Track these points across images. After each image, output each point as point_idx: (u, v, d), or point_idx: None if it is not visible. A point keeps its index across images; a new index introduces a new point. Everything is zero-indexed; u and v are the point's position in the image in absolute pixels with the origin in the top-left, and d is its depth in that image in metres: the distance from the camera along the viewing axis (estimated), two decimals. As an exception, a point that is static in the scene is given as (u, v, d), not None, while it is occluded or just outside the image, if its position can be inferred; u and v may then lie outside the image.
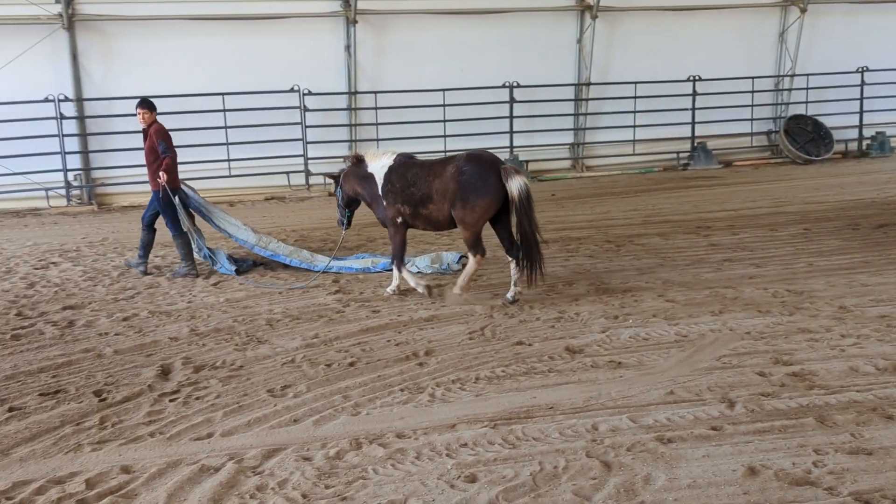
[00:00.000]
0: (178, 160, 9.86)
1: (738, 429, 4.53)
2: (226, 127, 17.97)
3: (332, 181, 8.96)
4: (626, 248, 9.99)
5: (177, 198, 9.53)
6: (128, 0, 17.56)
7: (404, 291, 8.07)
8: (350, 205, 8.76)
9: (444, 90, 19.12)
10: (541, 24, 20.26)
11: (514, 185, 7.22)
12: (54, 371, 5.97)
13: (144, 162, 10.01)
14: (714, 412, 4.76)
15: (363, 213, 9.09)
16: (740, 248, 9.69)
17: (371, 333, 6.71)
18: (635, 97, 20.39)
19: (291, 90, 18.42)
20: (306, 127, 18.71)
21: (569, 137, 21.01)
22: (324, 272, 9.09)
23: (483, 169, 7.37)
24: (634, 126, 20.49)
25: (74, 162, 17.96)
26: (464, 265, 8.48)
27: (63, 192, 17.57)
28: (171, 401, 5.26)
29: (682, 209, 13.13)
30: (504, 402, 5.00)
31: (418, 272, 8.92)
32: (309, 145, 18.79)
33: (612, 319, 6.81)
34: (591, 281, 8.22)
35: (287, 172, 18.67)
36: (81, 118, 17.94)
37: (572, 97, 20.73)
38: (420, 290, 7.89)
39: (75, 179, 17.96)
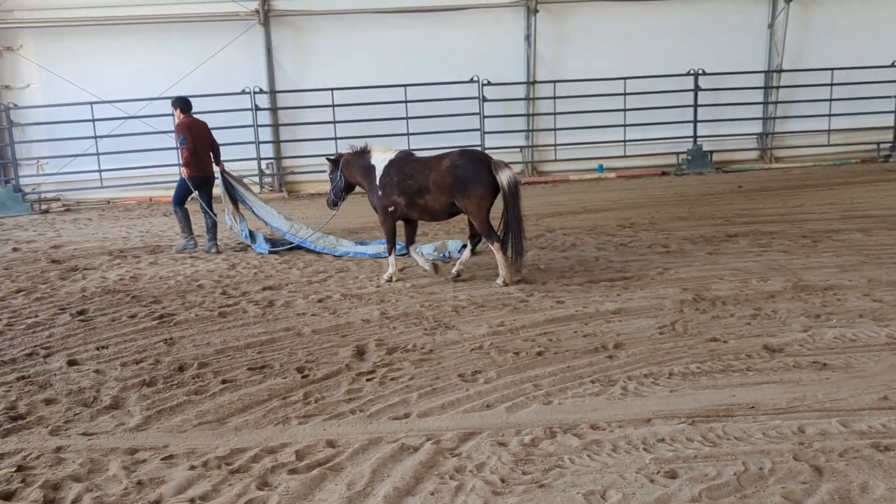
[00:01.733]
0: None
1: (964, 441, 4.18)
2: (406, 118, 18.42)
3: (331, 164, 9.55)
4: (823, 243, 9.44)
5: (220, 184, 11.26)
6: (319, -5, 18.28)
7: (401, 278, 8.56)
8: (346, 189, 9.48)
9: (624, 78, 18.82)
10: (729, 8, 19.51)
11: (504, 176, 7.96)
12: (259, 347, 6.33)
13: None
14: (935, 422, 4.41)
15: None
16: (955, 247, 8.96)
17: (557, 324, 6.68)
18: (832, 84, 19.24)
19: (471, 81, 18.65)
20: (484, 117, 18.89)
21: (757, 127, 20.15)
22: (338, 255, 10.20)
23: (475, 162, 8.12)
24: (830, 115, 19.38)
25: (267, 151, 18.99)
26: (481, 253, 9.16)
27: (256, 179, 18.61)
28: (367, 380, 5.45)
29: (886, 203, 12.27)
30: (701, 399, 4.85)
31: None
32: (486, 135, 18.97)
33: (813, 318, 6.45)
34: (786, 277, 7.82)
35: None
36: (274, 109, 18.92)
37: (761, 85, 19.80)
38: (427, 267, 8.71)
39: (267, 168, 18.98)
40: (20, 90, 18.81)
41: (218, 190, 11.33)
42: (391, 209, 8.65)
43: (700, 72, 19.06)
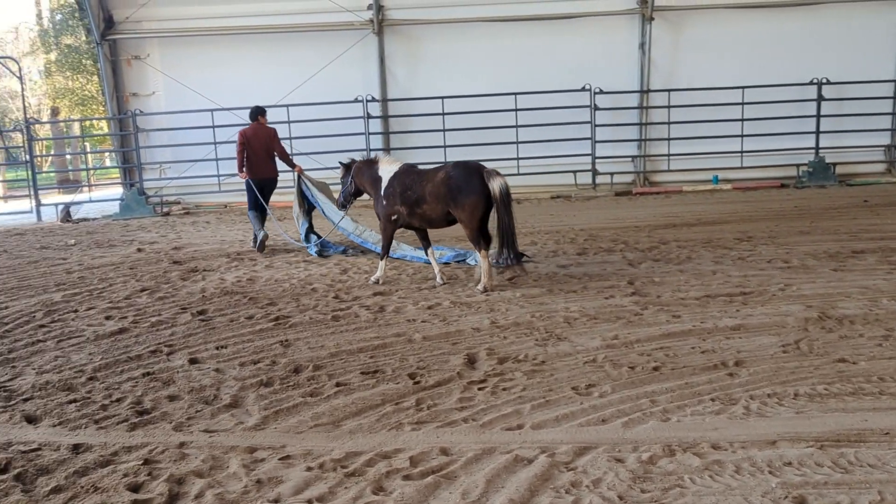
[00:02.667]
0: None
1: None
2: (516, 126, 18.37)
3: (343, 169, 10.17)
4: (961, 262, 8.90)
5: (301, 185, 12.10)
6: (432, 5, 18.49)
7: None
8: (354, 194, 10.07)
9: (742, 87, 18.25)
10: (854, 15, 18.71)
11: (495, 184, 8.36)
12: (371, 352, 6.39)
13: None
14: None
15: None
16: None
17: (673, 338, 6.49)
18: (968, 94, 18.16)
19: (582, 89, 18.45)
20: (595, 126, 18.66)
21: (884, 139, 19.20)
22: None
23: (467, 173, 8.56)
24: (963, 127, 18.30)
25: (377, 158, 19.20)
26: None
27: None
28: (479, 389, 5.41)
29: None
30: (830, 423, 4.60)
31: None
32: (597, 144, 18.73)
33: (953, 342, 6.06)
34: (920, 297, 7.39)
35: (574, 171, 18.75)
36: (385, 117, 19.18)
37: (890, 95, 18.87)
38: (436, 273, 9.17)
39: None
40: (146, 97, 19.71)
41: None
42: (394, 217, 9.18)
43: (824, 81, 18.32)
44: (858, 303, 7.30)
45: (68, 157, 34.13)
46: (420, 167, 9.37)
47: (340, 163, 10.28)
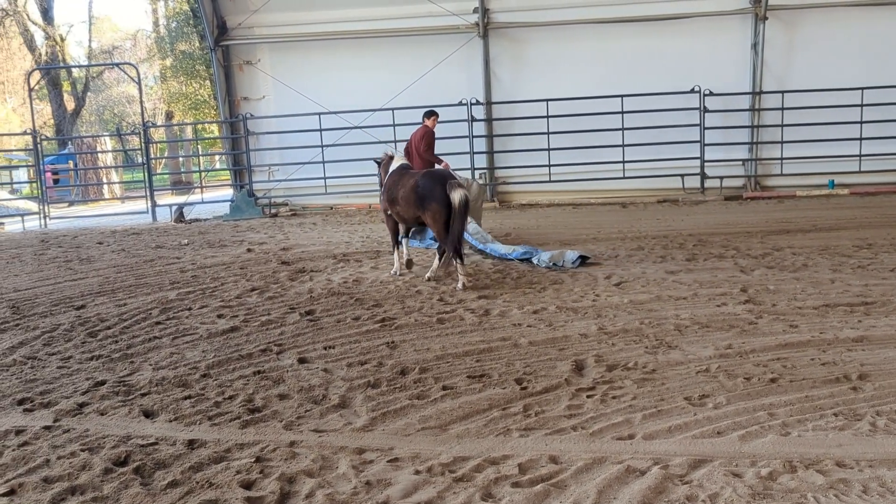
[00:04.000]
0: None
1: None
2: (622, 129, 18.08)
3: (377, 165, 11.05)
4: None
5: None
6: (537, 7, 18.40)
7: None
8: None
9: (861, 88, 17.47)
10: None
11: (455, 195, 9.05)
12: (477, 356, 6.36)
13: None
14: None
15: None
16: None
17: (791, 349, 6.23)
18: None
19: (692, 91, 18.03)
20: (704, 129, 18.19)
21: None
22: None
23: (433, 182, 9.31)
24: None
25: (480, 161, 19.26)
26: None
27: (469, 189, 18.89)
28: (588, 397, 5.31)
29: None
30: (967, 444, 4.32)
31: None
32: (707, 147, 18.26)
33: None
34: None
35: (682, 175, 18.33)
36: (489, 121, 19.17)
37: None
38: (402, 261, 10.17)
39: (480, 178, 19.26)
40: (256, 101, 20.27)
41: None
42: (388, 212, 10.11)
43: (953, 81, 17.37)
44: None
45: (181, 159, 35.45)
46: (410, 171, 10.12)
47: (375, 160, 11.14)
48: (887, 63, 17.87)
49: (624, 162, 18.15)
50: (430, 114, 12.35)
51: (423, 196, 9.29)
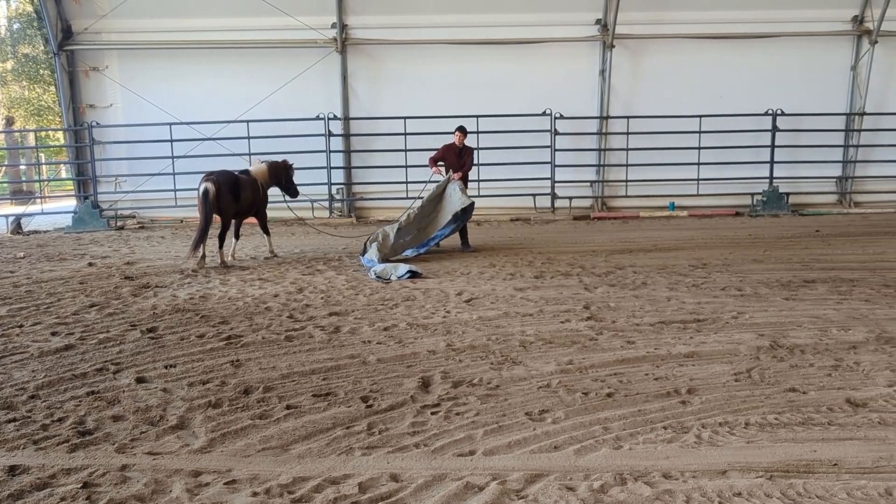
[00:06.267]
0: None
1: None
2: (478, 148, 18.35)
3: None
4: (908, 294, 9.07)
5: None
6: (396, 25, 18.54)
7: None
8: None
9: (700, 116, 18.54)
10: (810, 49, 19.15)
11: (200, 186, 11.54)
12: (324, 374, 6.29)
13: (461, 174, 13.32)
14: None
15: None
16: None
17: (627, 364, 6.50)
18: (916, 129, 18.65)
19: (543, 114, 18.59)
20: (555, 150, 18.79)
21: (836, 170, 19.65)
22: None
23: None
24: (915, 160, 18.77)
25: (338, 177, 19.18)
26: None
27: (326, 204, 18.79)
28: (432, 413, 5.35)
29: (973, 255, 11.78)
30: (779, 453, 4.62)
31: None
32: (557, 168, 18.86)
33: (899, 373, 6.15)
34: (869, 328, 7.50)
35: (534, 195, 18.84)
36: (347, 136, 19.13)
37: (842, 128, 19.32)
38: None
39: (338, 193, 19.17)
40: (103, 109, 19.42)
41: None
42: None
43: (779, 112, 18.68)
44: (809, 332, 7.39)
45: (22, 167, 33.52)
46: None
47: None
48: (724, 92, 19.06)
49: (479, 181, 18.50)
50: (457, 129, 13.57)
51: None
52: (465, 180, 13.38)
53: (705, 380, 6.05)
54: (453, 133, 13.46)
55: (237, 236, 13.06)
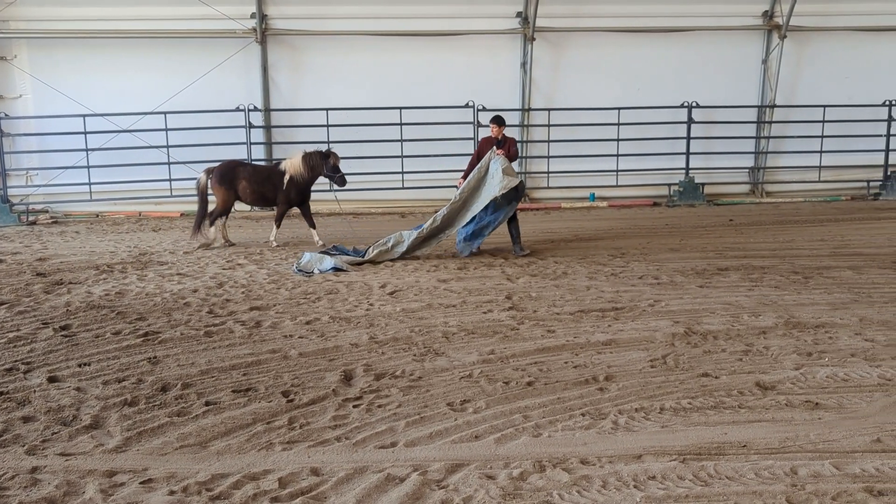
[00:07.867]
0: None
1: (959, 487, 4.11)
2: (401, 140, 18.41)
3: None
4: (814, 280, 9.42)
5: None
6: (316, 16, 18.35)
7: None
8: None
9: (618, 108, 18.87)
10: (723, 43, 19.66)
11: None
12: (244, 369, 6.22)
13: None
14: (929, 466, 4.35)
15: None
16: (946, 288, 8.94)
17: (547, 353, 6.61)
18: (823, 121, 19.37)
19: (466, 106, 18.66)
20: (478, 142, 18.85)
21: (749, 161, 20.27)
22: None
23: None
24: (821, 152, 19.53)
25: (259, 169, 18.82)
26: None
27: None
28: (354, 406, 5.35)
29: (875, 242, 12.30)
30: (692, 437, 4.77)
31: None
32: (480, 160, 18.90)
33: (805, 356, 6.40)
34: (778, 314, 7.78)
35: (456, 187, 18.86)
36: (268, 128, 18.87)
37: (754, 119, 19.93)
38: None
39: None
40: (12, 100, 18.70)
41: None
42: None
43: (693, 104, 19.15)
44: (722, 318, 7.62)
45: (-75, 160, 32.08)
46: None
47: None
48: (642, 85, 19.43)
49: (403, 173, 18.49)
50: (492, 120, 12.26)
51: None
52: None
53: (622, 367, 6.20)
54: (488, 126, 12.46)
55: (278, 223, 13.81)
